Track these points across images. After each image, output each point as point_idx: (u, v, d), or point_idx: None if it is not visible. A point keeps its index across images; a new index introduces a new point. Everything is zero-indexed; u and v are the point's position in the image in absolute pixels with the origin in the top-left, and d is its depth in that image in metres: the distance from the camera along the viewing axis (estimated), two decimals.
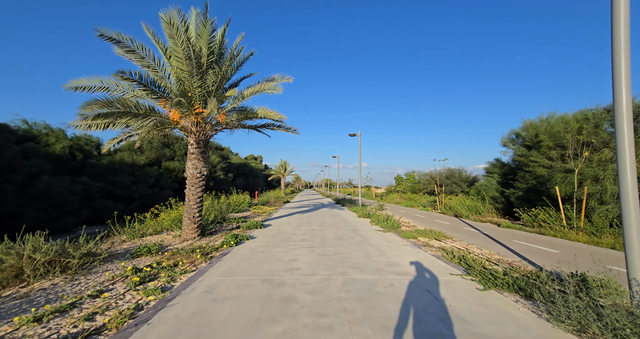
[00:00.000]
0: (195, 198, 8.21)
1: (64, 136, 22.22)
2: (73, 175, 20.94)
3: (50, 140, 20.87)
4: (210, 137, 8.61)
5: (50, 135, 21.72)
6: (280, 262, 5.75)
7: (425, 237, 8.73)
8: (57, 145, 20.88)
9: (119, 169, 22.84)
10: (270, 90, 8.21)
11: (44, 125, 22.21)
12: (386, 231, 9.61)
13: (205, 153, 8.47)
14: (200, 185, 8.34)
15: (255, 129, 9.94)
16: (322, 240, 8.06)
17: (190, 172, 8.25)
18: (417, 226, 11.43)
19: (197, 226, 8.17)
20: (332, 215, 15.18)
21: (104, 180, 21.69)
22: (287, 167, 45.33)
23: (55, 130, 22.03)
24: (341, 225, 11.11)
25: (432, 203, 22.24)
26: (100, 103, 5.79)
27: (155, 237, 8.71)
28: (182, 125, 7.87)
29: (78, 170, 21.93)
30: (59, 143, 21.06)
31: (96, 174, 21.95)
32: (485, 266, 5.24)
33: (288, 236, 8.64)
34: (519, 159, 14.99)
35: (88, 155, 24.56)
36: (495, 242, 8.10)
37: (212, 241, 8.04)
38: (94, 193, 20.26)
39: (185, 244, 7.58)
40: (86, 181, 20.14)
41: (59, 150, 20.69)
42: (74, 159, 22.70)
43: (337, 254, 6.43)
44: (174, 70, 7.71)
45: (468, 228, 10.86)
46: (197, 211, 8.18)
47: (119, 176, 22.31)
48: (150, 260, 5.88)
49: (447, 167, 28.82)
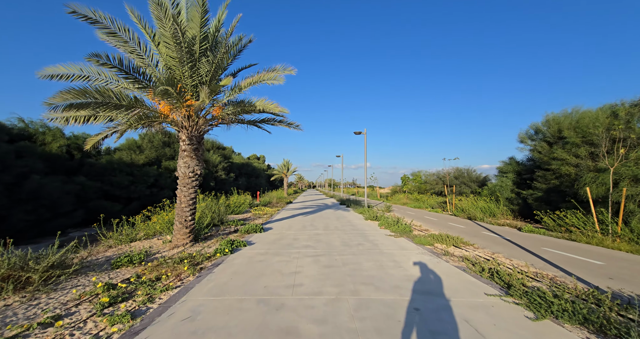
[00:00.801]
0: (187, 200, 7.43)
1: (61, 135, 21.66)
2: (70, 174, 20.36)
3: (47, 139, 20.31)
4: (204, 132, 7.82)
5: (47, 133, 21.15)
6: (280, 275, 4.92)
7: (442, 243, 7.85)
8: (53, 144, 20.32)
9: (117, 169, 22.23)
10: (271, 80, 7.39)
11: (40, 124, 21.65)
12: (398, 236, 8.74)
13: (199, 150, 7.69)
14: (193, 185, 7.56)
15: (254, 124, 9.13)
16: (328, 247, 7.22)
17: (182, 171, 7.47)
18: (430, 230, 10.53)
19: (189, 231, 7.39)
20: (337, 217, 14.34)
21: (101, 179, 21.09)
22: (290, 166, 44.57)
23: (53, 129, 21.47)
24: (347, 229, 10.27)
25: (441, 204, 21.28)
26: (74, 92, 5.03)
27: (144, 242, 7.95)
28: (172, 119, 7.09)
29: (75, 170, 21.35)
30: (56, 142, 20.49)
31: (94, 174, 21.36)
32: (524, 283, 4.36)
33: (290, 242, 7.82)
34: (538, 156, 14.00)
35: (87, 155, 24.02)
36: (523, 250, 7.20)
37: (206, 247, 7.25)
38: (90, 193, 19.66)
39: (175, 251, 6.80)
40: (83, 181, 19.55)
41: (55, 149, 20.12)
42: (72, 158, 22.14)
43: (346, 265, 5.59)
44: (162, 57, 6.94)
45: (486, 233, 9.94)
46: (189, 215, 7.40)
47: (117, 176, 21.70)
48: (131, 272, 5.10)
49: (456, 167, 27.79)
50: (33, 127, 20.89)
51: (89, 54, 4.93)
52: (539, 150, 14.18)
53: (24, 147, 16.84)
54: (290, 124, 9.05)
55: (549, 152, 12.99)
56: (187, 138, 7.44)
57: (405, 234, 9.00)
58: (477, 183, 25.65)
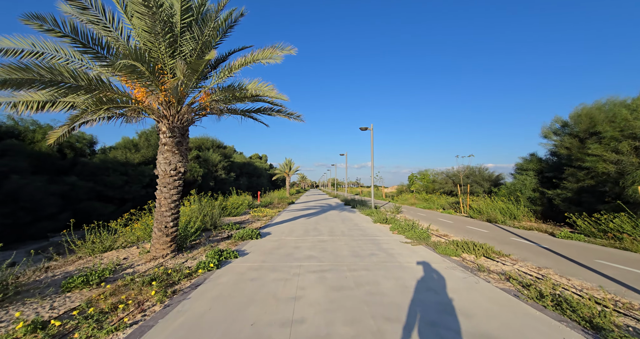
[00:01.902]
0: (168, 203, 6.28)
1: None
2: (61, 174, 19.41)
3: (37, 137, 19.33)
4: (188, 123, 6.66)
5: (38, 131, 20.17)
6: (274, 303, 3.74)
7: (470, 253, 6.62)
8: (43, 142, 19.39)
9: (111, 168, 21.21)
10: (266, 59, 6.19)
11: (31, 121, 20.67)
12: (415, 244, 7.51)
13: (182, 144, 6.53)
14: (176, 185, 6.41)
15: (248, 115, 7.96)
16: (335, 258, 6.03)
17: (162, 169, 6.31)
18: (450, 235, 9.28)
19: (170, 240, 6.24)
20: (343, 219, 13.13)
21: (94, 179, 20.09)
22: (292, 165, 43.42)
23: (44, 127, 20.53)
24: (356, 234, 9.06)
25: (453, 204, 19.97)
26: (8, 67, 3.90)
27: (121, 252, 6.82)
28: (147, 106, 5.94)
29: (67, 169, 20.37)
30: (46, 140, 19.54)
31: (87, 173, 20.37)
32: (614, 321, 3.12)
33: (290, 252, 6.64)
34: (565, 153, 12.67)
35: (80, 154, 23.04)
36: (573, 263, 5.93)
37: (190, 259, 6.10)
38: (82, 194, 18.65)
39: (152, 264, 5.65)
40: (74, 181, 18.54)
41: (45, 148, 19.17)
42: (64, 157, 21.19)
43: (360, 285, 4.40)
44: (136, 32, 5.79)
45: (516, 239, 8.67)
46: (171, 220, 6.25)
47: (110, 176, 20.69)
48: (82, 298, 3.95)
49: (466, 165, 26.43)
50: (23, 124, 19.95)
51: (26, 15, 3.79)
52: (567, 145, 12.84)
53: (9, 145, 15.86)
54: (291, 114, 7.85)
55: (580, 148, 11.66)
56: (168, 129, 6.29)
57: (424, 241, 7.77)
58: (489, 182, 24.28)
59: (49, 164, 19.04)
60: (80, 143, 22.86)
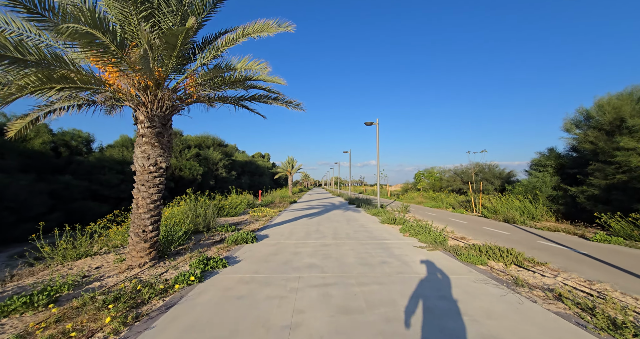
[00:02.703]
0: (147, 204, 5.42)
1: (46, 130, 20.03)
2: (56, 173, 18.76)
3: (29, 135, 18.73)
4: (170, 111, 5.79)
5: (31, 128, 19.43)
6: (264, 334, 2.86)
7: (497, 261, 5.68)
8: (36, 140, 18.72)
9: (107, 167, 20.51)
10: (257, 33, 5.28)
11: None
12: (431, 249, 6.58)
13: (164, 135, 5.66)
14: (156, 183, 5.55)
15: (241, 105, 7.06)
16: (340, 267, 5.13)
17: (139, 164, 5.45)
18: (468, 237, 8.32)
19: (149, 246, 5.38)
20: (348, 219, 12.23)
21: (89, 178, 19.41)
22: (295, 164, 42.55)
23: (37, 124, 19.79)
24: (362, 236, 8.15)
25: (463, 203, 18.94)
26: None
27: (95, 260, 5.99)
28: (117, 88, 5.06)
29: (62, 168, 19.72)
30: (39, 138, 18.87)
31: (82, 172, 19.70)
32: None
33: (288, 259, 5.75)
34: (590, 147, 11.60)
35: (76, 152, 22.39)
36: (629, 275, 4.95)
37: (172, 268, 5.24)
38: (76, 193, 17.99)
39: (125, 276, 4.80)
40: (68, 180, 17.86)
41: (38, 146, 18.50)
42: (58, 156, 20.54)
43: (373, 306, 3.49)
44: (105, 1, 4.92)
45: (544, 242, 7.69)
46: (150, 224, 5.39)
47: (106, 175, 19.98)
48: (18, 326, 3.10)
49: (475, 162, 25.29)
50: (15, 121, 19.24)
51: None
52: (591, 139, 11.77)
53: None
54: (289, 102, 6.94)
55: (607, 141, 10.60)
56: (147, 118, 5.42)
57: (440, 245, 6.83)
58: (500, 180, 23.17)
59: (42, 163, 18.38)
60: (76, 141, 22.20)
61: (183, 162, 28.37)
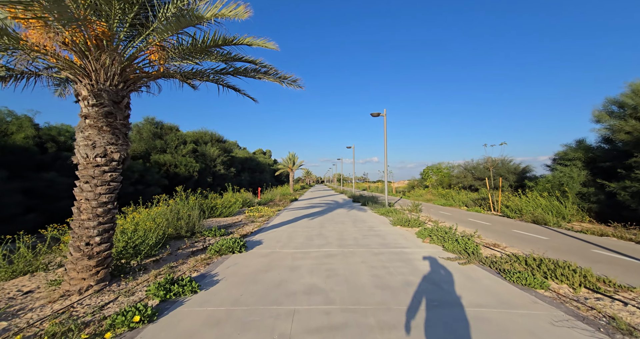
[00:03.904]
0: (92, 208, 4.07)
1: (30, 124, 18.76)
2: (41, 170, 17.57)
3: (10, 129, 17.48)
4: (127, 86, 4.41)
5: (13, 122, 18.26)
6: None
7: (560, 282, 4.29)
8: (17, 134, 17.49)
9: None
10: None
11: (6, 112, 18.73)
12: (464, 263, 5.20)
13: (117, 117, 4.29)
14: (106, 179, 4.19)
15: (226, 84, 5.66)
16: (352, 294, 3.76)
17: (82, 154, 4.10)
18: (501, 244, 6.91)
19: (97, 264, 4.04)
20: (354, 220, 10.86)
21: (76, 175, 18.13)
22: (296, 160, 41.17)
23: (20, 117, 18.62)
24: (374, 243, 6.79)
25: (478, 201, 17.48)
26: None
27: (35, 279, 4.67)
28: (45, 50, 3.68)
29: (48, 165, 18.43)
30: (21, 133, 17.63)
31: (68, 169, 18.44)
32: None
33: (282, 279, 4.40)
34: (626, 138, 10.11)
35: (64, 148, 21.15)
36: None
37: (124, 294, 3.90)
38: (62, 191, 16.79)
39: (55, 308, 3.47)
40: (53, 177, 16.60)
41: (20, 141, 17.27)
42: (44, 152, 19.34)
43: None
44: None
45: (600, 252, 6.27)
46: (97, 234, 4.05)
47: None
48: None
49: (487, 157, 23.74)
50: None
51: None
52: (629, 129, 10.26)
53: None
54: (284, 77, 5.51)
55: None
56: (91, 93, 4.05)
57: (474, 257, 5.44)
58: (515, 175, 21.63)
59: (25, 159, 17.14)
60: (64, 136, 20.93)
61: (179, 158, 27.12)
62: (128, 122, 4.54)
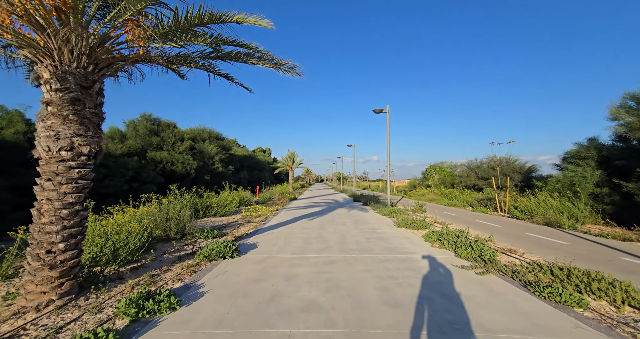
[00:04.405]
0: (56, 209, 3.50)
1: (20, 119, 18.18)
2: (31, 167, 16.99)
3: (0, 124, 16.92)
4: (99, 69, 3.82)
5: (3, 117, 17.65)
6: None
7: (598, 298, 3.72)
8: (7, 129, 16.90)
9: None
10: None
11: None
12: (481, 271, 4.63)
13: (85, 105, 3.71)
14: (73, 177, 3.62)
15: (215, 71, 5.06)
16: (357, 312, 3.19)
17: (43, 146, 3.53)
18: (519, 250, 6.33)
19: (60, 275, 3.47)
20: (355, 221, 10.30)
21: None
22: (296, 158, 40.56)
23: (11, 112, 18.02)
24: (378, 248, 6.22)
25: (483, 201, 16.91)
26: None
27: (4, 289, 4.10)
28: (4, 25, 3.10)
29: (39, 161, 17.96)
30: (11, 128, 17.05)
31: None
32: None
33: (276, 291, 3.83)
34: None
35: None
36: None
37: (90, 312, 3.32)
38: None
39: (4, 330, 2.91)
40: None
41: (10, 136, 16.68)
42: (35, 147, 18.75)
43: None
44: None
45: (630, 259, 5.69)
46: (61, 240, 3.48)
47: None
48: None
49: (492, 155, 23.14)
50: None
51: None
52: None
53: None
54: (280, 64, 4.90)
55: None
56: (55, 75, 3.47)
57: (491, 265, 4.87)
58: (521, 175, 21.05)
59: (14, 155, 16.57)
60: None
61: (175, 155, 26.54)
62: (101, 111, 3.95)
